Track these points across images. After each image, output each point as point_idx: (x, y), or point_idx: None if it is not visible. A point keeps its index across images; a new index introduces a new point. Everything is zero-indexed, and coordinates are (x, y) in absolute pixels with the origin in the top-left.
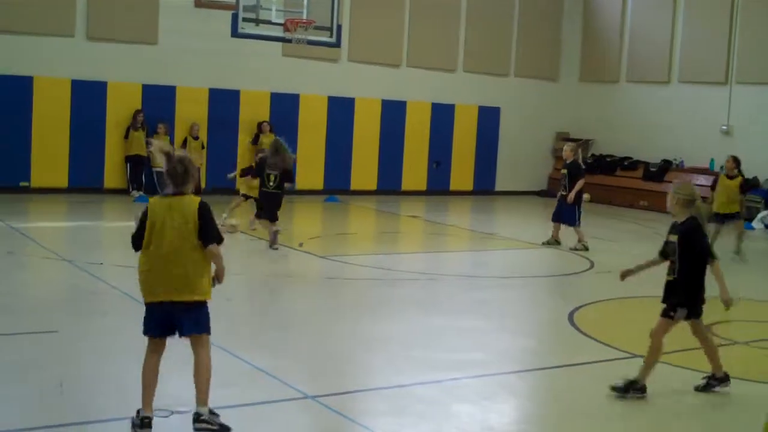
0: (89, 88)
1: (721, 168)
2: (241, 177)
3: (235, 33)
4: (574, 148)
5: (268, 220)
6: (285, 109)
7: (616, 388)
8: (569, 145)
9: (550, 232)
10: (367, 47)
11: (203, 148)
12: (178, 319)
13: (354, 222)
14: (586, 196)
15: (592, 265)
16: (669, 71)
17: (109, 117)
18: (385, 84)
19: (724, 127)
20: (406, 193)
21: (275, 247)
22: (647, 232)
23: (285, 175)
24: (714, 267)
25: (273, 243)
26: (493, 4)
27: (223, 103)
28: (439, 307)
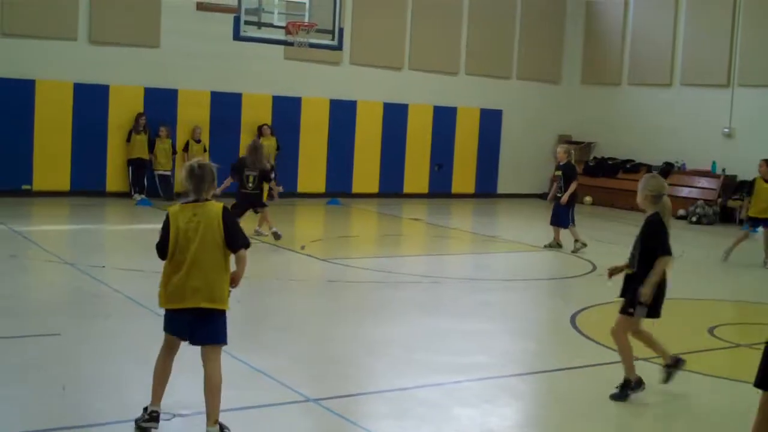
0: (91, 92)
1: (753, 175)
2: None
3: (237, 36)
4: (568, 150)
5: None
6: (287, 112)
7: (616, 396)
8: (563, 147)
9: (551, 235)
10: (369, 50)
11: (205, 151)
12: (194, 326)
13: (356, 225)
14: (587, 199)
15: (594, 267)
16: (671, 74)
17: (111, 120)
18: (386, 87)
19: (726, 129)
20: (408, 196)
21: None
22: None
23: (263, 175)
24: (661, 261)
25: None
26: (494, 7)
27: (225, 106)
28: (441, 310)
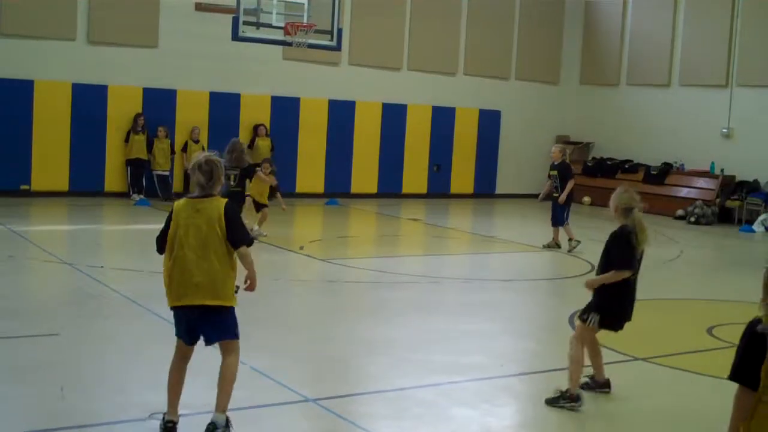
0: (90, 92)
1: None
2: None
3: (236, 36)
4: (563, 149)
5: None
6: (286, 112)
7: (548, 401)
8: (557, 146)
9: (550, 235)
10: (367, 51)
11: (203, 152)
12: (202, 325)
13: (355, 225)
14: (586, 199)
15: (593, 267)
16: (669, 74)
17: (110, 120)
18: (385, 87)
19: (725, 129)
20: (407, 196)
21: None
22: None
23: (244, 173)
24: (616, 273)
25: None
26: (493, 7)
27: (224, 107)
28: (439, 310)
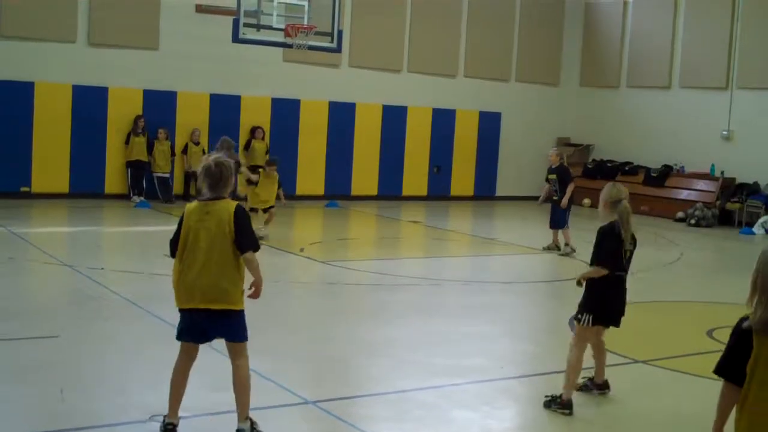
0: (90, 94)
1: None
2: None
3: (236, 38)
4: (560, 153)
5: None
6: (286, 114)
7: (545, 404)
8: (555, 150)
9: (550, 238)
10: (367, 52)
11: (204, 153)
12: (209, 328)
13: (355, 227)
14: (586, 201)
15: None
16: (670, 76)
17: (110, 122)
18: (385, 89)
19: (725, 132)
20: (407, 198)
21: None
22: (647, 238)
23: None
24: (597, 269)
25: None
26: (493, 9)
27: (224, 109)
28: (439, 312)
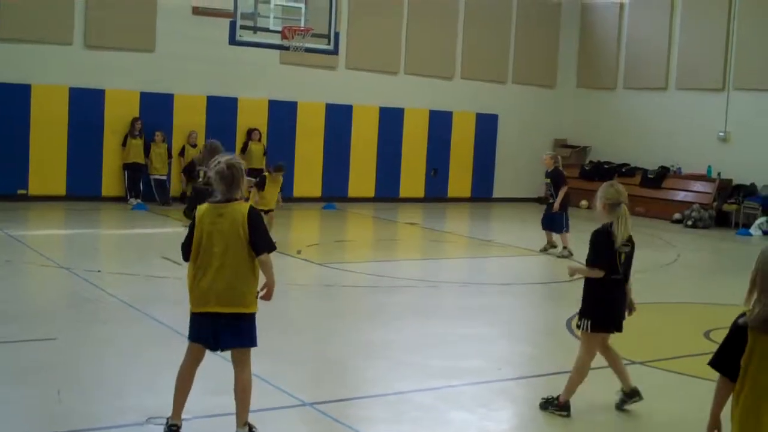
0: (87, 96)
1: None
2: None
3: (233, 41)
4: (554, 156)
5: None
6: (283, 116)
7: (539, 405)
8: (549, 154)
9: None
10: (364, 55)
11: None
12: (221, 331)
13: (352, 229)
14: (583, 203)
15: None
16: (666, 78)
17: (107, 125)
18: (382, 91)
19: (722, 133)
20: (404, 200)
21: None
22: (645, 239)
23: None
24: (589, 270)
25: None
26: (490, 11)
27: (221, 111)
28: (437, 314)
